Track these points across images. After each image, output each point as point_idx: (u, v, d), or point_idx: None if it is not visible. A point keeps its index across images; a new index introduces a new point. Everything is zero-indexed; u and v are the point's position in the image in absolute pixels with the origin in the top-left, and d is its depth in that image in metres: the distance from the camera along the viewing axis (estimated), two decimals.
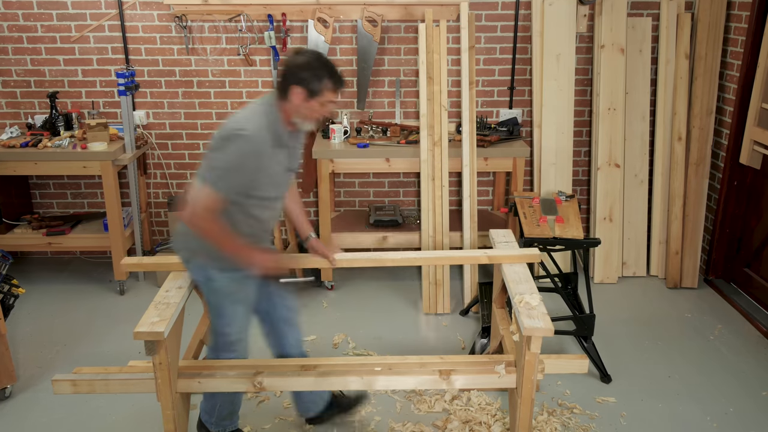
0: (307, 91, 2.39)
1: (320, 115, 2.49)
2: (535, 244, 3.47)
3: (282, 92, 2.42)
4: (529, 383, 2.57)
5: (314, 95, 2.41)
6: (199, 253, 2.56)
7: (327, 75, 2.40)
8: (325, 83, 2.40)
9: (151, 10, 4.35)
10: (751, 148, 3.93)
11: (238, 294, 2.63)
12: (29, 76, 4.49)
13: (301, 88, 2.38)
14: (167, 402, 2.56)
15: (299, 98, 2.40)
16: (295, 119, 2.47)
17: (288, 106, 2.44)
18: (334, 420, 3.10)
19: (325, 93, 2.42)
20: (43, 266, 4.80)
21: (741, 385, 3.41)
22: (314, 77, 2.38)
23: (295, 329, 2.92)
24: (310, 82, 2.38)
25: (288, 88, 2.40)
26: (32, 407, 3.23)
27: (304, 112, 2.44)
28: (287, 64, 2.42)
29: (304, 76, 2.38)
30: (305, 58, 2.41)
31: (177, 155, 4.69)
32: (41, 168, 4.11)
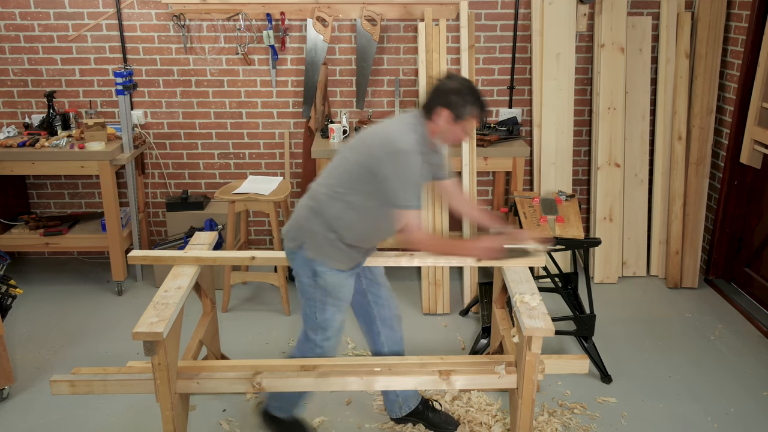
0: (454, 115, 2.49)
1: (460, 140, 2.60)
2: None
3: (427, 112, 2.52)
4: (529, 383, 2.56)
5: (459, 120, 2.51)
6: (310, 247, 2.60)
7: (474, 103, 2.51)
8: (471, 110, 2.51)
9: (149, 9, 4.33)
10: (752, 148, 3.92)
11: (341, 293, 2.66)
12: (26, 76, 4.47)
13: (449, 111, 2.48)
14: (166, 403, 2.54)
15: (444, 120, 2.50)
16: (436, 139, 2.57)
17: (432, 126, 2.54)
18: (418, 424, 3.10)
19: (470, 119, 2.53)
20: (41, 267, 4.78)
21: (742, 385, 3.41)
22: (463, 102, 2.49)
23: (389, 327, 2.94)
24: (458, 107, 2.48)
25: (434, 109, 2.50)
26: (30, 408, 3.21)
27: (446, 134, 2.55)
28: (438, 86, 2.53)
29: (452, 101, 2.48)
30: (457, 84, 2.51)
31: (175, 155, 4.67)
32: (38, 168, 4.09)
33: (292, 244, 2.65)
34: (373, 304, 2.89)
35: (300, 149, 4.63)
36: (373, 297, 2.88)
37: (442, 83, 2.54)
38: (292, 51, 4.44)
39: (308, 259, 2.60)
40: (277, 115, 4.58)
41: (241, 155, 4.67)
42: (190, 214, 4.44)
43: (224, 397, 3.26)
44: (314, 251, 2.59)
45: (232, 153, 4.67)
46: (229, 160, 4.68)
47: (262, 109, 4.56)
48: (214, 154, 4.67)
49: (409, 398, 3.02)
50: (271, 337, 3.86)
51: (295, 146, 4.64)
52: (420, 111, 2.57)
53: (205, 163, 4.69)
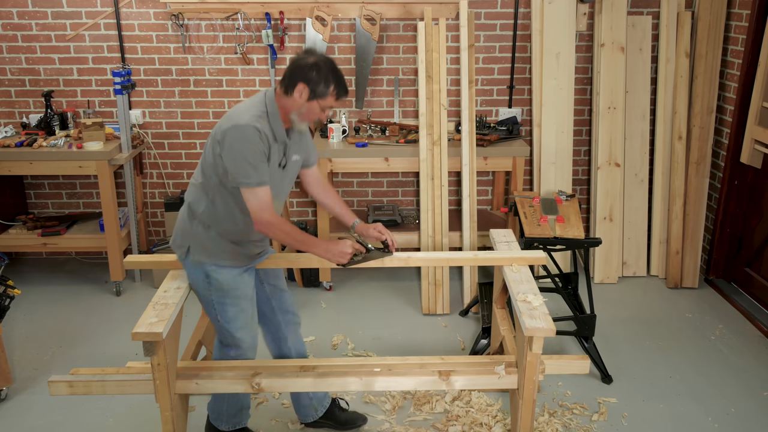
0: (311, 92, 2.41)
1: (316, 118, 2.50)
2: (536, 244, 3.45)
3: (286, 87, 2.43)
4: (530, 384, 2.55)
5: (317, 97, 2.42)
6: (195, 250, 2.56)
7: (334, 81, 2.43)
8: (331, 88, 2.43)
9: (147, 8, 4.32)
10: (752, 147, 3.91)
11: (239, 290, 2.62)
12: (24, 75, 4.45)
13: (307, 87, 2.40)
14: (166, 403, 2.53)
15: (302, 96, 2.41)
16: (292, 116, 2.48)
17: (289, 102, 2.44)
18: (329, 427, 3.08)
19: (328, 98, 2.44)
20: (38, 267, 4.76)
21: (742, 386, 3.40)
22: (322, 79, 2.40)
23: (295, 333, 2.92)
24: (317, 84, 2.40)
25: (294, 84, 2.41)
26: (28, 410, 3.19)
27: (302, 112, 2.46)
28: (298, 61, 2.44)
29: (312, 77, 2.40)
30: (317, 60, 2.42)
31: (173, 155, 4.66)
32: (36, 168, 4.07)
33: (179, 251, 2.62)
34: (277, 311, 2.86)
35: None
36: (278, 303, 2.85)
37: (300, 58, 2.44)
38: (291, 50, 4.42)
39: (197, 262, 2.57)
40: None
41: None
42: None
43: None
44: (200, 253, 2.56)
45: None
46: None
47: None
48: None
49: (322, 399, 3.00)
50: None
51: None
52: (276, 87, 2.49)
53: None
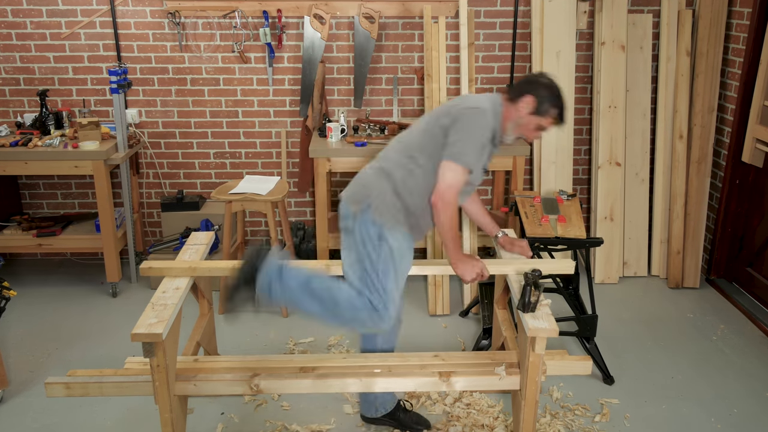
0: (537, 107, 2.51)
1: (528, 134, 2.59)
2: (537, 244, 3.42)
3: (515, 95, 2.53)
4: (533, 385, 2.54)
5: (539, 113, 2.52)
6: (378, 209, 2.50)
7: (558, 105, 2.53)
8: (553, 111, 2.53)
9: (143, 6, 4.28)
10: (754, 146, 3.90)
11: (404, 262, 2.58)
12: (18, 74, 4.41)
13: (534, 101, 2.50)
14: (165, 405, 2.50)
15: (527, 109, 2.52)
16: (508, 125, 2.57)
17: (511, 110, 2.55)
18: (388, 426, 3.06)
19: (548, 118, 2.54)
20: (33, 268, 4.72)
21: (744, 386, 3.38)
22: (549, 100, 2.51)
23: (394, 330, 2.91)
24: (544, 101, 2.51)
25: (522, 95, 2.52)
26: (25, 412, 3.16)
27: (520, 123, 2.55)
28: (532, 76, 2.57)
29: (542, 93, 2.51)
30: (550, 82, 2.55)
31: (170, 154, 4.62)
32: (31, 168, 4.03)
33: (355, 207, 2.54)
34: None
35: (297, 148, 4.59)
36: None
37: (536, 76, 2.57)
38: (289, 49, 4.39)
39: (375, 221, 2.50)
40: (273, 113, 4.53)
41: (237, 155, 4.62)
42: (186, 214, 4.39)
43: (222, 400, 3.22)
44: (382, 213, 2.50)
45: (228, 152, 4.62)
46: (225, 159, 4.63)
47: (259, 107, 4.51)
48: (210, 154, 4.62)
49: (387, 401, 2.98)
50: (268, 338, 3.81)
51: (292, 145, 4.60)
52: (503, 93, 2.57)
53: (201, 163, 4.64)
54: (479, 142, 2.44)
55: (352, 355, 2.88)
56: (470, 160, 2.43)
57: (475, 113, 2.45)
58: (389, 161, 2.57)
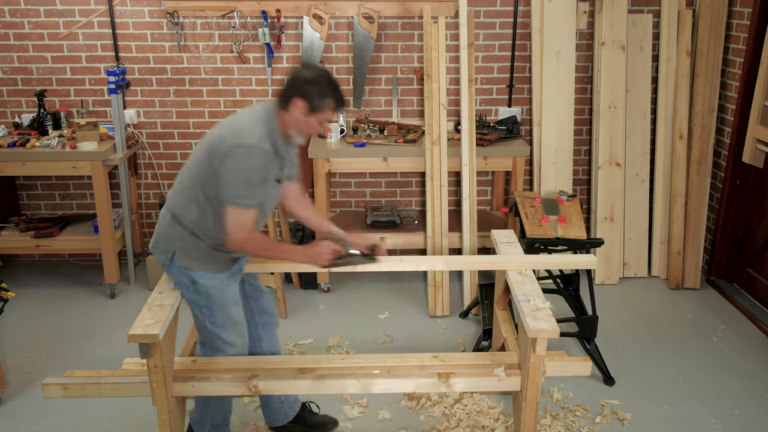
0: (309, 106, 2.39)
1: (315, 132, 2.50)
2: (538, 245, 3.41)
3: (283, 102, 2.42)
4: (534, 386, 2.52)
5: (315, 111, 2.41)
6: (181, 256, 2.51)
7: (331, 94, 2.42)
8: (328, 102, 2.41)
9: (141, 6, 4.27)
10: (754, 147, 3.89)
11: (226, 295, 2.57)
12: (16, 74, 4.39)
13: (304, 101, 2.38)
14: (163, 406, 2.49)
15: (300, 111, 2.40)
16: (291, 131, 2.46)
17: (287, 117, 2.43)
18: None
19: (326, 111, 2.43)
20: (31, 269, 4.70)
21: (745, 387, 3.37)
22: (318, 93, 2.39)
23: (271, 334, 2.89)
24: (314, 98, 2.39)
25: (290, 99, 2.40)
26: (23, 414, 3.14)
27: (301, 126, 2.44)
28: (294, 75, 2.43)
29: (308, 90, 2.38)
30: (313, 73, 2.41)
31: (168, 155, 4.60)
32: (29, 168, 4.01)
33: (162, 256, 2.55)
34: (255, 311, 2.83)
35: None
36: (255, 304, 2.83)
37: (298, 72, 2.43)
38: (288, 49, 4.38)
39: (182, 267, 2.51)
40: None
41: None
42: None
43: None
44: (186, 259, 2.50)
45: None
46: None
47: None
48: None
49: (293, 403, 2.96)
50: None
51: None
52: (274, 101, 2.46)
53: None
54: (253, 181, 2.36)
55: (350, 356, 2.87)
56: (249, 200, 2.38)
57: (243, 153, 2.32)
58: (177, 204, 2.52)
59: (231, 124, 2.42)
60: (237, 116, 2.46)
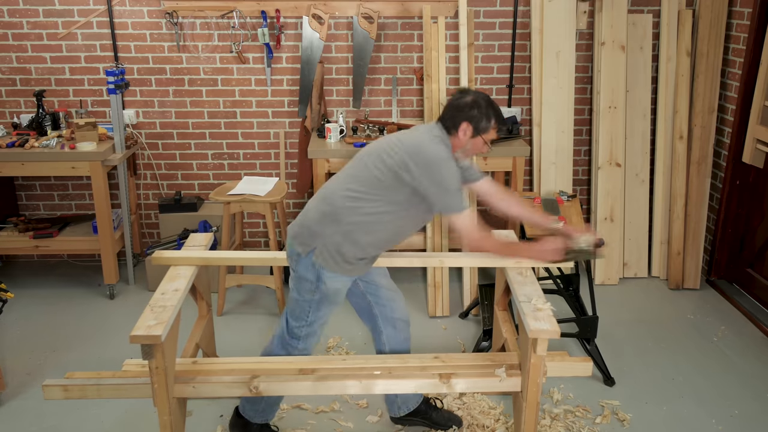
0: (475, 129, 2.57)
1: (480, 152, 2.69)
2: None
3: (451, 128, 2.59)
4: (534, 387, 2.51)
5: (480, 133, 2.59)
6: (320, 254, 2.57)
7: (494, 115, 2.60)
8: (492, 122, 2.60)
9: (140, 6, 4.26)
10: (754, 147, 3.88)
11: (339, 296, 2.67)
12: (15, 74, 4.38)
13: (470, 125, 2.56)
14: (164, 408, 2.47)
15: (467, 135, 2.58)
16: (457, 154, 2.63)
17: (455, 142, 2.60)
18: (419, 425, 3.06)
19: (490, 131, 2.61)
20: (29, 270, 4.69)
21: (745, 387, 3.37)
22: (483, 116, 2.57)
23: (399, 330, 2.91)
24: (480, 121, 2.57)
25: (457, 125, 2.57)
26: (22, 415, 3.13)
27: (468, 148, 2.62)
28: (457, 102, 2.60)
29: (474, 115, 2.56)
30: (476, 99, 2.59)
31: (167, 155, 4.59)
32: (28, 169, 4.00)
33: (301, 248, 2.60)
34: (374, 305, 2.86)
35: (295, 149, 4.56)
36: (373, 298, 2.85)
37: (458, 98, 2.61)
38: (287, 49, 4.37)
39: (316, 264, 2.57)
40: (272, 114, 4.50)
41: (235, 155, 4.60)
42: (184, 215, 4.37)
43: (221, 403, 3.19)
44: (324, 258, 2.56)
45: (226, 153, 4.59)
46: (223, 160, 4.61)
47: (257, 108, 4.49)
48: (208, 155, 4.60)
49: (407, 400, 2.98)
50: (267, 340, 3.77)
51: (290, 146, 4.58)
52: (440, 125, 2.61)
53: (199, 164, 4.62)
54: (456, 185, 2.52)
55: (351, 357, 2.87)
56: (462, 204, 2.54)
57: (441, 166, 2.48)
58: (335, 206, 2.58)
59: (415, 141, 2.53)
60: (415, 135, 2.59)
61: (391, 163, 2.51)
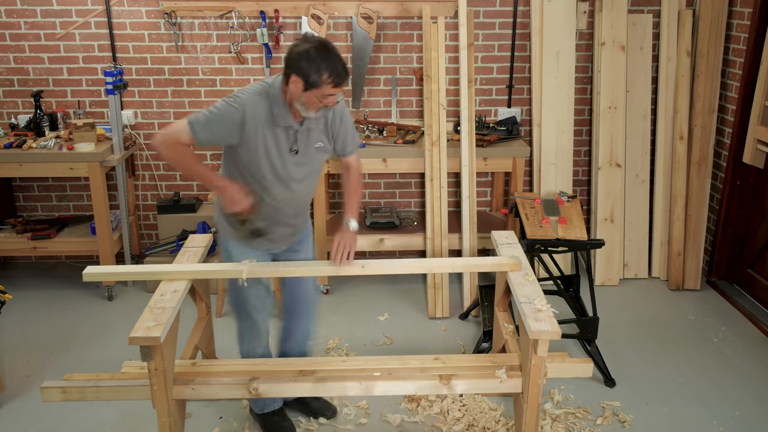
0: (305, 83, 2.32)
1: (319, 107, 2.42)
2: (538, 246, 3.39)
3: (284, 77, 2.39)
4: (535, 388, 2.50)
5: (312, 87, 2.34)
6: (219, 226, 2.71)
7: (326, 68, 2.31)
8: (324, 77, 2.32)
9: (139, 6, 4.24)
10: (755, 147, 3.88)
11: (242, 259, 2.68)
12: (12, 75, 4.36)
13: (300, 78, 2.32)
14: (163, 409, 2.46)
15: (297, 87, 2.35)
16: (296, 105, 2.42)
17: (289, 93, 2.40)
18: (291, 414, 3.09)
19: (324, 87, 2.34)
20: (27, 271, 4.67)
21: (746, 388, 3.36)
22: (313, 69, 2.31)
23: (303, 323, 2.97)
24: (309, 74, 2.31)
25: (288, 75, 2.36)
26: (20, 417, 3.12)
27: (302, 101, 2.39)
28: (290, 50, 2.38)
29: (302, 66, 2.31)
30: (307, 47, 2.33)
31: None
32: (26, 170, 3.98)
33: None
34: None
35: None
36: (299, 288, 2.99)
37: (293, 46, 2.37)
38: (286, 50, 4.33)
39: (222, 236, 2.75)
40: None
41: None
42: (182, 216, 4.35)
43: (220, 404, 3.18)
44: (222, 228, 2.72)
45: None
46: None
47: None
48: (207, 155, 4.58)
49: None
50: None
51: None
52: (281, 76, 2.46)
53: None
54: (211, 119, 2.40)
55: (351, 358, 2.85)
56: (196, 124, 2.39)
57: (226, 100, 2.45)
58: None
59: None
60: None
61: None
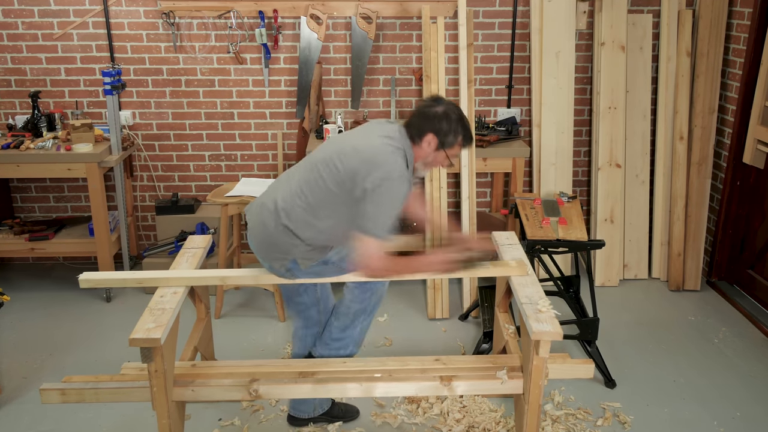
0: (440, 142, 2.46)
1: (441, 166, 2.57)
2: (538, 246, 3.38)
3: (414, 137, 2.47)
4: (536, 389, 2.49)
5: (445, 147, 2.48)
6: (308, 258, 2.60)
7: (462, 131, 2.49)
8: (459, 138, 2.49)
9: (137, 6, 4.23)
10: (755, 148, 3.87)
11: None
12: (10, 75, 4.34)
13: (436, 137, 2.45)
14: (163, 411, 2.45)
15: (431, 147, 2.47)
16: (417, 165, 2.53)
17: (417, 152, 2.50)
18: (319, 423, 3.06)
19: (455, 147, 2.51)
20: (25, 273, 4.65)
21: (747, 389, 3.35)
22: (452, 130, 2.46)
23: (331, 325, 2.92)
24: (447, 134, 2.46)
25: (422, 134, 2.46)
26: (19, 419, 3.10)
27: (429, 160, 2.52)
28: (426, 110, 2.48)
29: (441, 127, 2.45)
30: (445, 109, 2.47)
31: (164, 157, 4.56)
32: (24, 171, 3.96)
33: (279, 264, 2.58)
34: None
35: (293, 150, 4.54)
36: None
37: (428, 106, 2.49)
38: (285, 49, 4.34)
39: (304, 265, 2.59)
40: (269, 115, 4.48)
41: (232, 157, 4.57)
42: (181, 217, 4.34)
43: (220, 406, 3.17)
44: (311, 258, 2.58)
45: (224, 155, 4.56)
46: (221, 162, 4.58)
47: (255, 109, 4.46)
48: (205, 156, 4.56)
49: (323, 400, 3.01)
50: (266, 343, 3.76)
51: (288, 147, 4.55)
52: (403, 130, 2.49)
53: (196, 165, 4.58)
54: (392, 212, 2.38)
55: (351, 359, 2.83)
56: (385, 233, 2.38)
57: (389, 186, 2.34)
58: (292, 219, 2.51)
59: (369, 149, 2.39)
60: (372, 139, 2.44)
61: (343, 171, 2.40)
